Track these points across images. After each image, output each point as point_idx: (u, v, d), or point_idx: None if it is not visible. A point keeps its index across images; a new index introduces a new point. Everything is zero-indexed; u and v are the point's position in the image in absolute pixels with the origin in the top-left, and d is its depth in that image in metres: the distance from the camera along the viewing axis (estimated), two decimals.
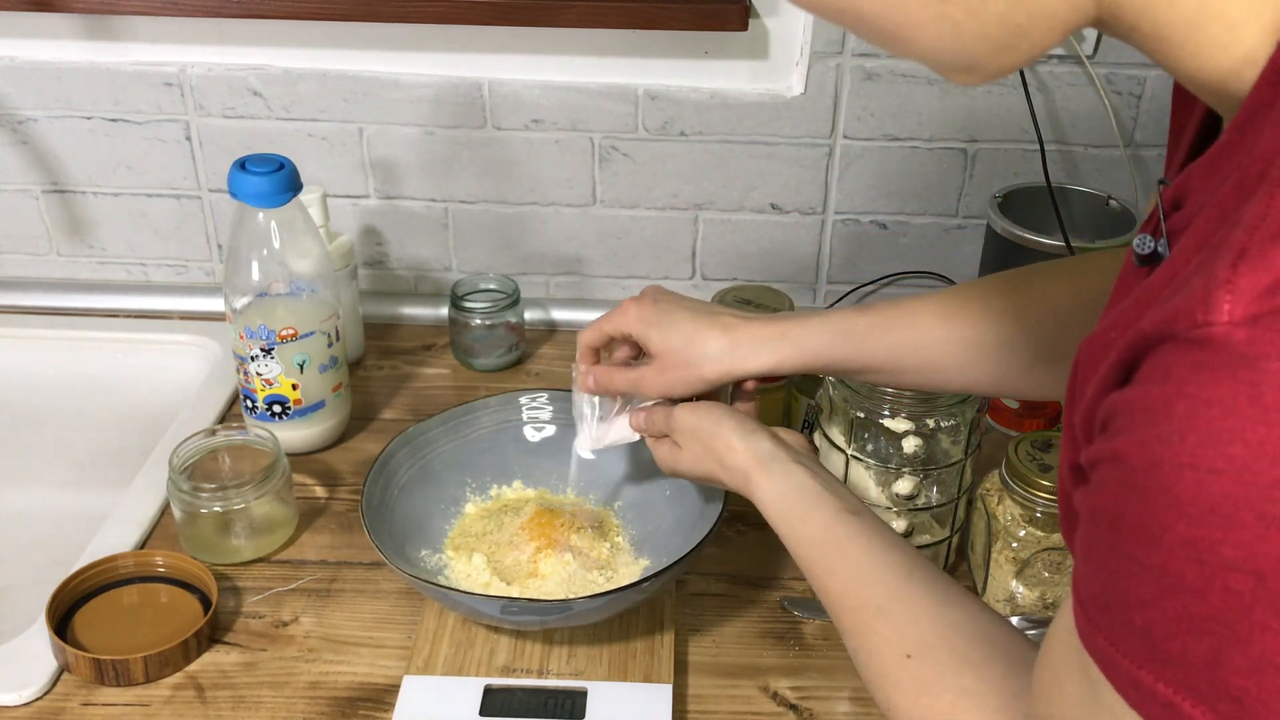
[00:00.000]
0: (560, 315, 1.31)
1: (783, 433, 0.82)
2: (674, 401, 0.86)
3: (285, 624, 0.92)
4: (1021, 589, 0.91)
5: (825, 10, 0.48)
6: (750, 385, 0.89)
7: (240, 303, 1.03)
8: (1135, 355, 0.42)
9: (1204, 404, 0.38)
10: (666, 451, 0.86)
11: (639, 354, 0.91)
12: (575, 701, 0.84)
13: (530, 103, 1.22)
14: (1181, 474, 0.39)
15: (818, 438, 0.96)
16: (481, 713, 0.83)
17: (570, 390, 0.93)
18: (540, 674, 0.87)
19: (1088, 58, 1.18)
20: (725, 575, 0.97)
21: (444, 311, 1.26)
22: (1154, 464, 0.40)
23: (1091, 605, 0.44)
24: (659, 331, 0.86)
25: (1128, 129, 1.23)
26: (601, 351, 0.92)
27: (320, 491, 1.06)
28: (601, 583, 0.92)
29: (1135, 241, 0.47)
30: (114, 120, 1.25)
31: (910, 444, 0.90)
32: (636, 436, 0.90)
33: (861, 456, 0.92)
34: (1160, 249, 0.46)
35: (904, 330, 0.82)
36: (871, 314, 0.83)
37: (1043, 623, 0.90)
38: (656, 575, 0.85)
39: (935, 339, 0.81)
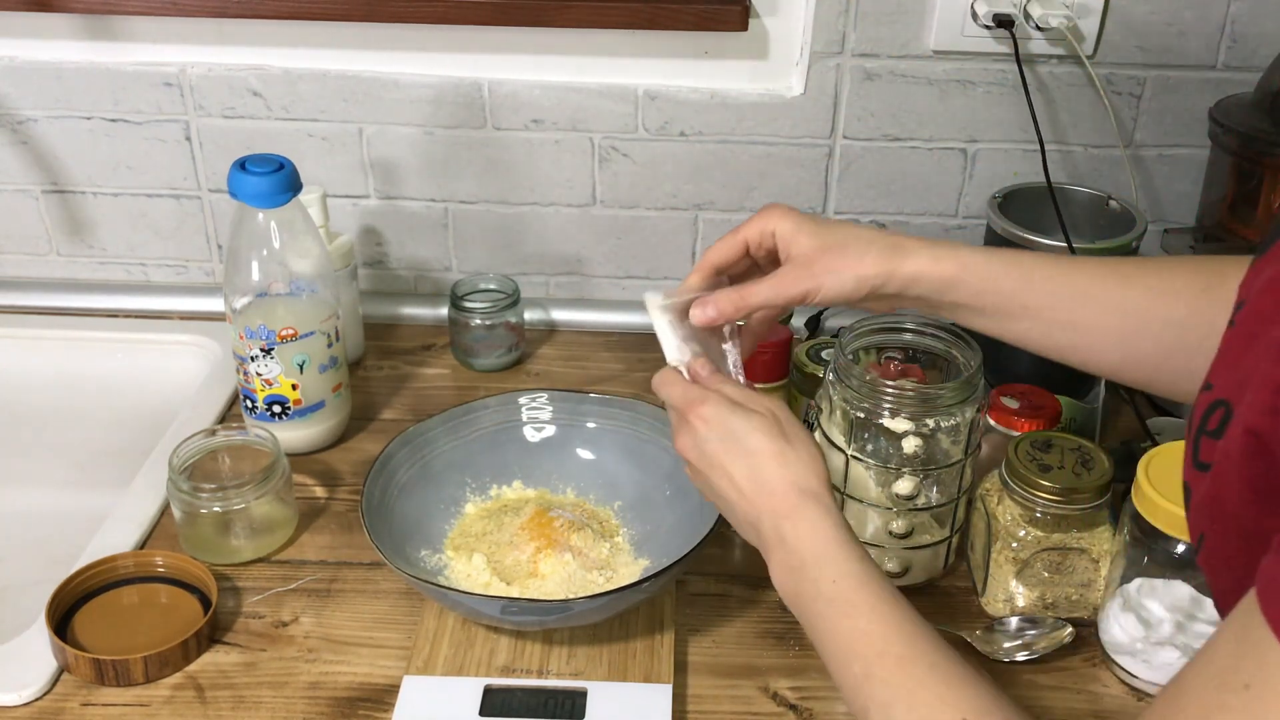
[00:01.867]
0: (560, 315, 1.31)
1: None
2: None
3: (285, 624, 0.92)
4: (1021, 589, 0.91)
5: None
6: (764, 316, 0.87)
7: (240, 303, 1.03)
8: None
9: None
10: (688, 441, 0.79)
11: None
12: (575, 702, 0.84)
13: (530, 103, 1.22)
14: None
15: (818, 437, 0.96)
16: (481, 713, 0.83)
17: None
18: (540, 674, 0.87)
19: (1088, 58, 1.18)
20: (725, 575, 0.97)
21: (444, 311, 1.26)
22: None
23: None
24: (806, 232, 0.81)
25: (1128, 129, 1.23)
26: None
27: (320, 492, 1.06)
28: (601, 583, 0.92)
29: None
30: (114, 120, 1.25)
31: (910, 444, 0.90)
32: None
33: (861, 456, 0.92)
34: None
35: (1074, 280, 0.78)
36: (1041, 258, 0.80)
37: (1042, 623, 0.90)
38: (656, 575, 0.85)
39: (1105, 297, 0.77)
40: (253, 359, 1.04)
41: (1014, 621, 0.91)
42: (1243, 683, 0.46)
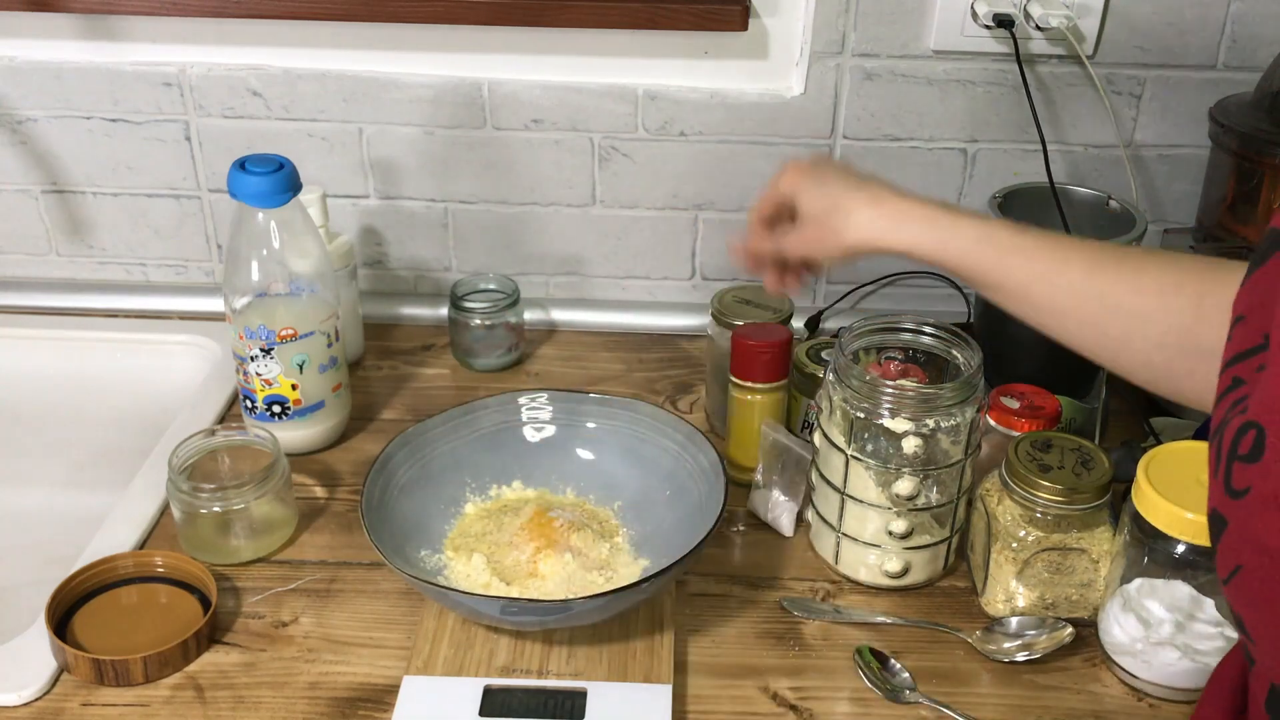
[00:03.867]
0: (560, 315, 1.31)
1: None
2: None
3: (285, 624, 0.92)
4: (1021, 589, 0.91)
5: None
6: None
7: (240, 303, 1.03)
8: None
9: None
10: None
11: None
12: (575, 702, 0.84)
13: (530, 103, 1.22)
14: None
15: (818, 438, 0.96)
16: (481, 713, 0.83)
17: None
18: (540, 674, 0.86)
19: (1088, 58, 1.18)
20: (725, 575, 0.97)
21: (444, 311, 1.26)
22: None
23: None
24: (808, 193, 0.88)
25: (1128, 129, 1.23)
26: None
27: (320, 492, 1.06)
28: (601, 583, 0.92)
29: None
30: (113, 120, 1.25)
31: (910, 444, 0.90)
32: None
33: (861, 456, 0.92)
34: None
35: (1051, 261, 0.79)
36: (1025, 234, 0.81)
37: (1042, 623, 0.90)
38: (656, 575, 0.85)
39: (1080, 284, 0.78)
40: (252, 359, 1.04)
41: (1014, 621, 0.91)
42: None
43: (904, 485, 0.91)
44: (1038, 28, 1.16)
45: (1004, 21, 1.15)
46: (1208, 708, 0.69)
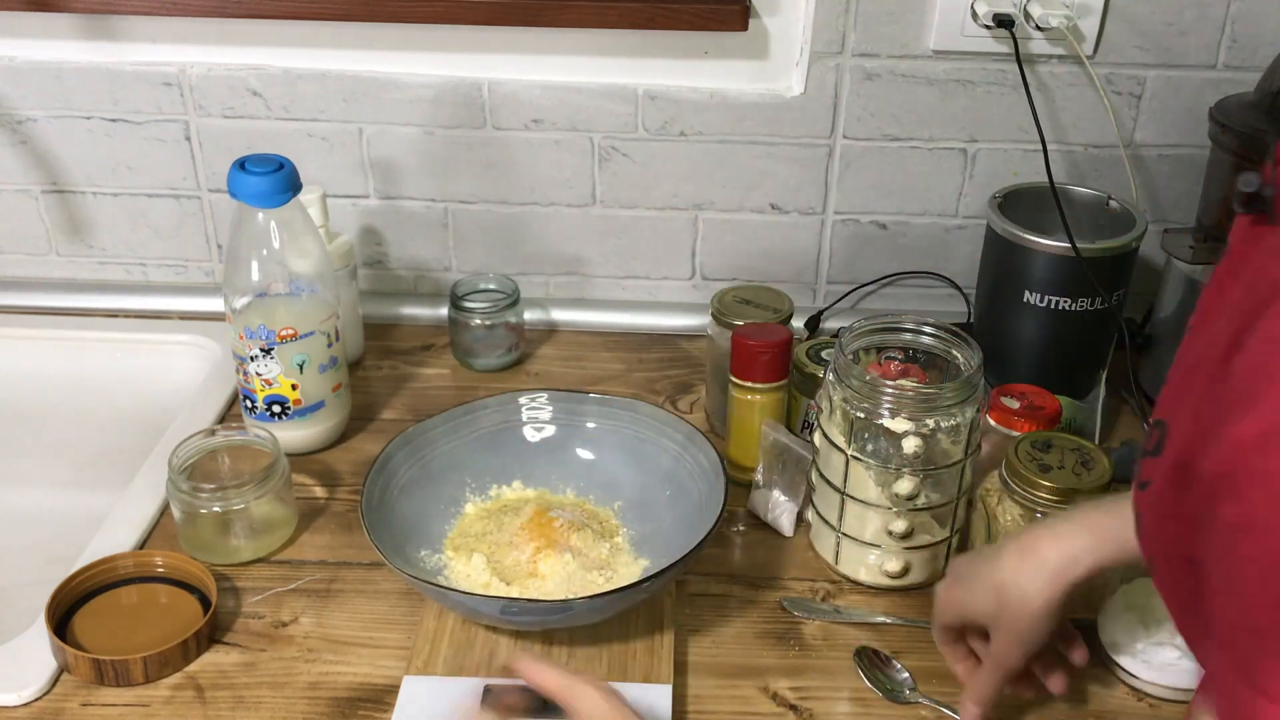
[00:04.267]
0: (560, 315, 1.31)
1: None
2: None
3: (285, 624, 0.91)
4: None
5: None
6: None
7: (240, 303, 1.03)
8: None
9: None
10: None
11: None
12: None
13: (530, 103, 1.22)
14: None
15: (818, 438, 0.96)
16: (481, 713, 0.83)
17: None
18: None
19: (1088, 58, 1.18)
20: (725, 575, 0.97)
21: (444, 311, 1.26)
22: None
23: None
24: (971, 603, 0.81)
25: (1128, 129, 1.23)
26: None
27: (320, 492, 1.06)
28: (601, 583, 0.92)
29: (1241, 181, 0.47)
30: (113, 120, 1.25)
31: (910, 444, 0.90)
32: None
33: (861, 456, 0.92)
34: (1265, 192, 0.45)
35: None
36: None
37: None
38: (656, 575, 0.85)
39: None
40: (252, 359, 1.04)
41: None
42: None
43: (904, 485, 0.91)
44: (1038, 28, 1.16)
45: (1004, 21, 1.15)
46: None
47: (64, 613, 0.90)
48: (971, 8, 1.16)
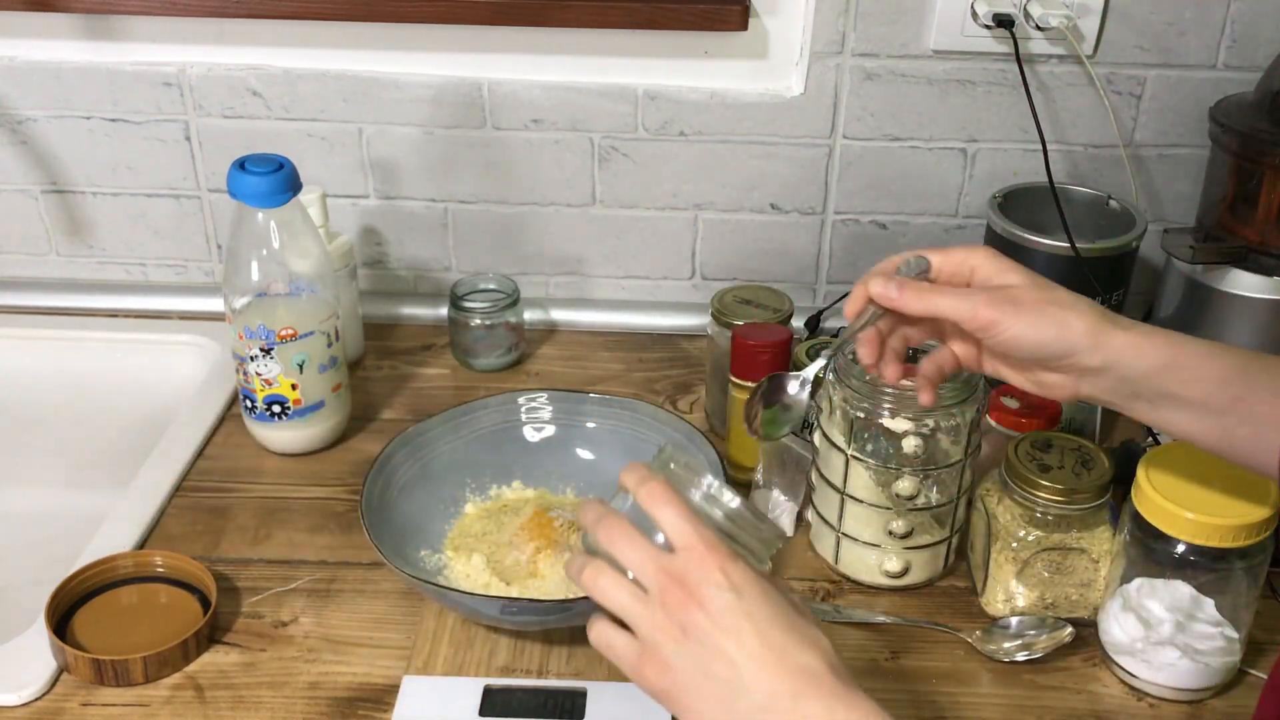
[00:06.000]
0: (560, 315, 1.31)
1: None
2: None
3: (285, 624, 0.92)
4: (1021, 589, 0.91)
5: None
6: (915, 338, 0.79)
7: (240, 303, 1.03)
8: None
9: None
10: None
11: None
12: (575, 702, 0.84)
13: (530, 103, 1.22)
14: None
15: (818, 438, 0.96)
16: (481, 713, 0.83)
17: None
18: (540, 674, 0.87)
19: (1088, 58, 1.18)
20: None
21: (444, 311, 1.26)
22: None
23: None
24: (1023, 271, 0.75)
25: (1128, 129, 1.23)
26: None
27: (320, 492, 1.06)
28: None
29: None
30: (113, 120, 1.25)
31: (910, 444, 0.90)
32: None
33: (861, 456, 0.92)
34: None
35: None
36: (1250, 354, 0.74)
37: (1042, 623, 0.90)
38: None
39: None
40: (252, 359, 1.04)
41: (1014, 621, 0.91)
42: None
43: (904, 485, 0.91)
44: (1038, 27, 1.16)
45: (1004, 21, 1.15)
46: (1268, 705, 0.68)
47: (64, 613, 0.90)
48: (971, 8, 1.16)
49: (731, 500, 0.67)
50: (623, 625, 0.66)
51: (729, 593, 0.62)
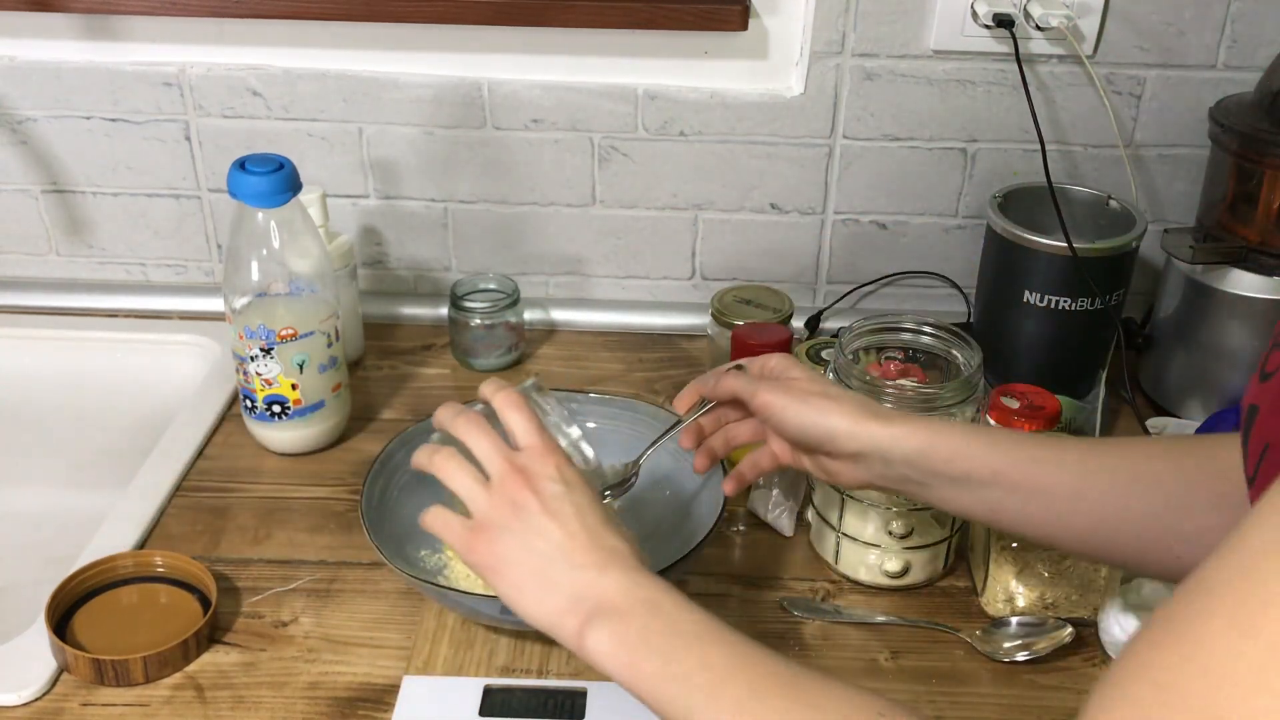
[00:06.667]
0: (560, 315, 1.31)
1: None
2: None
3: (285, 624, 0.92)
4: (1021, 589, 0.91)
5: None
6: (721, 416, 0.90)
7: (240, 303, 1.03)
8: None
9: None
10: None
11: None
12: (575, 702, 0.84)
13: (530, 103, 1.22)
14: None
15: None
16: (481, 713, 0.83)
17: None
18: (540, 674, 0.86)
19: (1088, 58, 1.18)
20: (725, 575, 0.97)
21: (444, 311, 1.26)
22: None
23: None
24: (808, 368, 0.85)
25: (1128, 129, 1.23)
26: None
27: (320, 492, 1.06)
28: None
29: None
30: (113, 120, 1.25)
31: None
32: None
33: None
34: None
35: (1042, 448, 0.77)
36: (1012, 434, 0.81)
37: (1042, 623, 0.90)
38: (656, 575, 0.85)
39: (1079, 463, 0.76)
40: (252, 359, 1.04)
41: (1014, 621, 0.91)
42: None
43: None
44: (1038, 27, 1.16)
45: (1004, 21, 1.15)
46: None
47: (64, 613, 0.90)
48: (971, 8, 1.16)
49: (575, 431, 0.81)
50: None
51: (560, 484, 0.71)
